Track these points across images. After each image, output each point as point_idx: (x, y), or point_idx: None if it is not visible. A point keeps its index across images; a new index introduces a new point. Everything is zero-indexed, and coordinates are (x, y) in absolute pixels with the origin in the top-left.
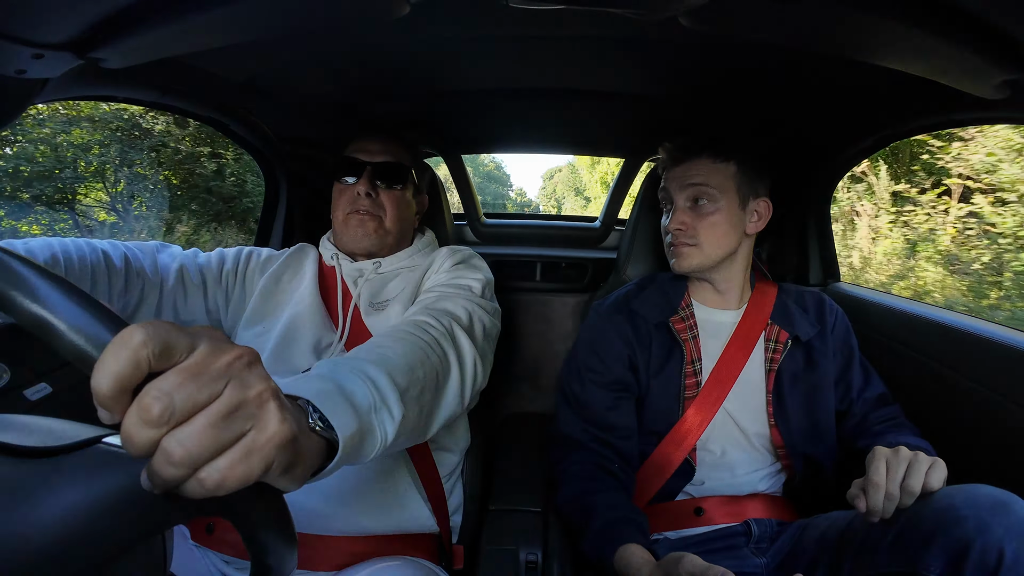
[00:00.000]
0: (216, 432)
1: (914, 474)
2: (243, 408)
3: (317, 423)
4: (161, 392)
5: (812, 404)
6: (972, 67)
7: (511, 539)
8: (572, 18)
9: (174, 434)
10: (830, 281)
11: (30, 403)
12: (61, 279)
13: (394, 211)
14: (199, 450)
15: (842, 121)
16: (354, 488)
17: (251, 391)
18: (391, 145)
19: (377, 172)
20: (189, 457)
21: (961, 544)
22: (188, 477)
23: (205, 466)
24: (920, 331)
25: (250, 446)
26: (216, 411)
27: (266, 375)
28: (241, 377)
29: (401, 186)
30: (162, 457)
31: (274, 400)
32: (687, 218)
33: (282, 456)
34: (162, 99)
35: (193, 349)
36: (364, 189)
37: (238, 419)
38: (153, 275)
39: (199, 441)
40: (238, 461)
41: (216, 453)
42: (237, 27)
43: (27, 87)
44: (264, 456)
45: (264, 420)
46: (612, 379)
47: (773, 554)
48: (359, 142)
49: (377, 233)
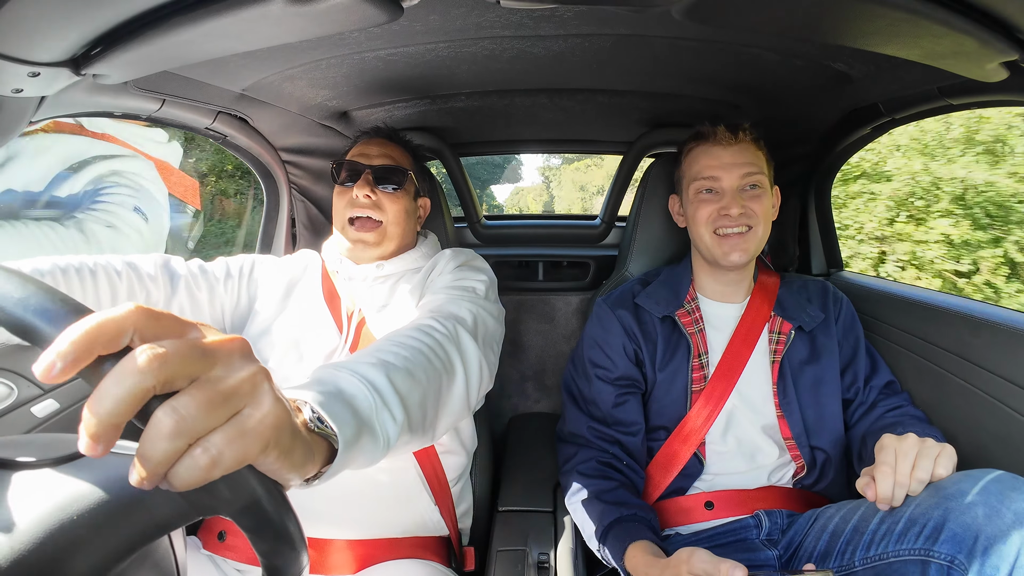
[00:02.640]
0: (210, 406)
1: (923, 462)
2: (237, 388)
3: (316, 423)
4: (151, 356)
5: (818, 394)
6: (969, 50)
7: (521, 539)
8: (566, 17)
9: (167, 402)
10: (833, 270)
11: (37, 420)
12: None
13: (394, 214)
14: (193, 423)
15: (841, 110)
16: (363, 492)
17: (243, 372)
18: (390, 148)
19: (376, 175)
20: (183, 426)
21: (971, 530)
22: (180, 453)
23: (199, 442)
24: (925, 318)
25: (245, 424)
26: (210, 384)
27: (256, 360)
28: (231, 361)
29: (400, 189)
30: (153, 430)
31: (267, 382)
32: (745, 200)
33: (278, 438)
34: (159, 113)
35: (184, 332)
36: (363, 192)
37: (232, 396)
38: (158, 287)
39: (192, 413)
40: (234, 438)
41: (208, 430)
42: (233, 38)
43: (24, 105)
44: (260, 435)
45: (258, 399)
46: (618, 375)
47: (784, 545)
48: (359, 146)
49: (377, 236)
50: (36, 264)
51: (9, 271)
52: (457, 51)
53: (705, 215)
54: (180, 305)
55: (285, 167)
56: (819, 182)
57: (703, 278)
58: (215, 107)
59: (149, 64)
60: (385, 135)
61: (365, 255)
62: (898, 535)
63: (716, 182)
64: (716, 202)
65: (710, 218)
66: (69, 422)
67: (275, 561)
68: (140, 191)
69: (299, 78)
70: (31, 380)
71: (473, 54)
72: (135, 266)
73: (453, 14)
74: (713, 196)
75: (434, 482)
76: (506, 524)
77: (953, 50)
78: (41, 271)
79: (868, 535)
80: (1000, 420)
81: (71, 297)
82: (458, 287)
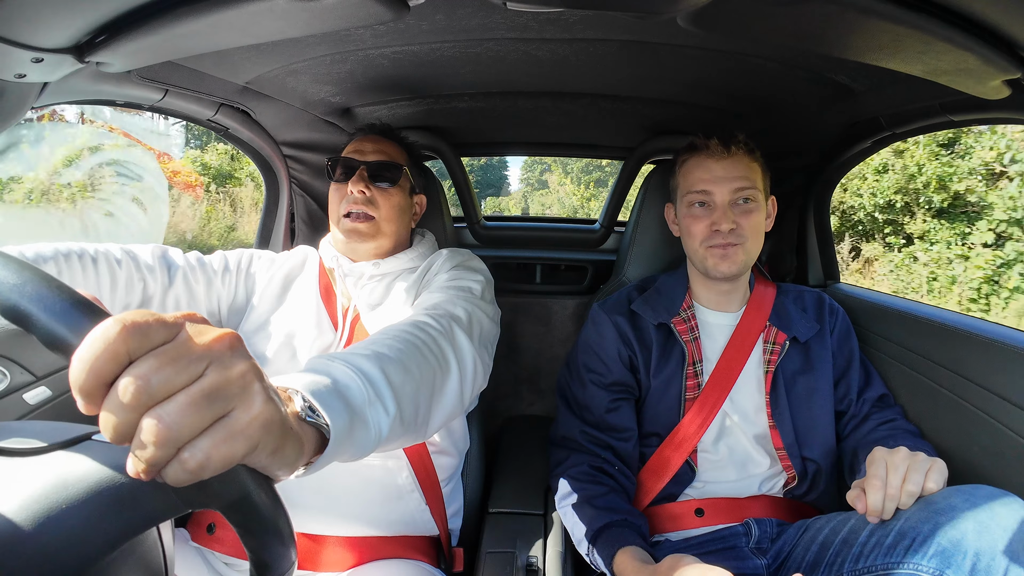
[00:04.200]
0: (197, 411)
1: (914, 475)
2: (226, 388)
3: (307, 412)
4: (137, 375)
5: (811, 405)
6: (971, 67)
7: (511, 542)
8: (571, 21)
9: (153, 412)
10: (830, 282)
11: (29, 406)
12: (33, 267)
13: (388, 210)
14: (178, 428)
15: (842, 123)
16: (354, 489)
17: (233, 371)
18: (385, 145)
19: (370, 171)
20: (168, 434)
21: (960, 546)
22: (170, 458)
23: (187, 446)
24: (920, 332)
25: (233, 427)
26: (197, 390)
27: (249, 356)
28: (223, 358)
29: (395, 185)
30: (141, 438)
31: (258, 381)
32: (736, 216)
33: (267, 438)
34: (162, 103)
35: (173, 336)
36: (358, 187)
37: (220, 399)
38: (155, 277)
39: (179, 420)
40: (221, 441)
41: (196, 433)
42: (237, 31)
43: (26, 91)
44: (248, 437)
45: (248, 400)
46: (612, 380)
47: (773, 555)
48: (354, 143)
49: (372, 231)
50: (39, 249)
51: (6, 257)
52: (462, 51)
53: (697, 231)
54: (176, 296)
55: (286, 161)
56: (818, 193)
57: (699, 287)
58: (218, 99)
59: (153, 54)
60: (380, 131)
61: (360, 248)
62: (887, 548)
63: (708, 196)
64: (708, 216)
65: (702, 234)
66: (61, 409)
67: (264, 557)
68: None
69: (303, 73)
70: (24, 367)
71: (478, 55)
72: (134, 255)
73: (459, 14)
74: (704, 211)
75: (425, 481)
76: (496, 526)
77: (956, 67)
78: (44, 256)
79: (857, 547)
80: (992, 436)
81: (67, 285)
82: (454, 287)
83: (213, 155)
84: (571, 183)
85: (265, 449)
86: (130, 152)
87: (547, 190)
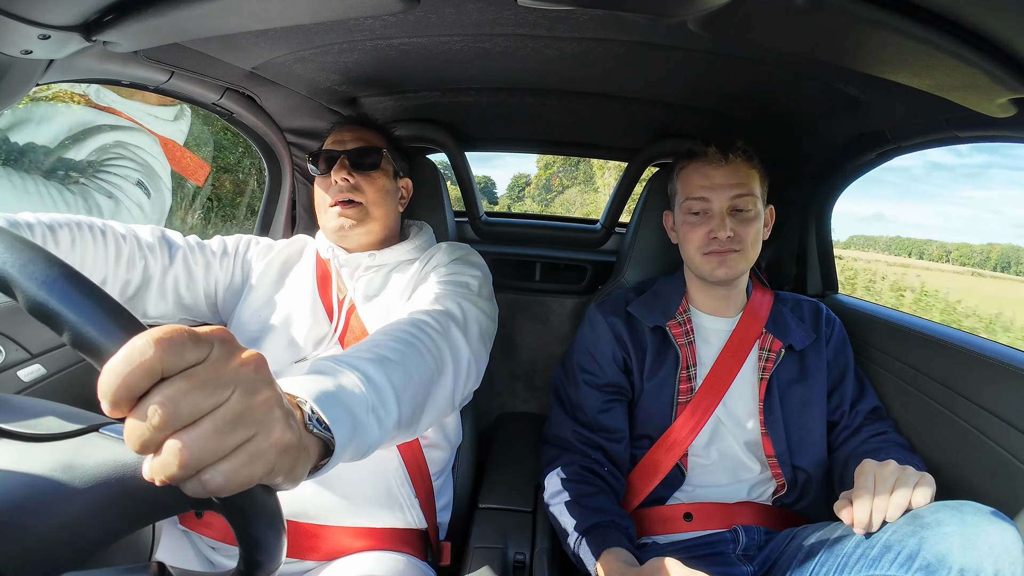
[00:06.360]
0: (221, 437)
1: (902, 489)
2: (249, 414)
3: (315, 425)
4: (166, 398)
5: (804, 414)
6: (979, 84)
7: (499, 538)
8: (582, 20)
9: (179, 436)
10: (828, 292)
11: (23, 383)
12: (68, 266)
13: (374, 193)
14: (202, 454)
15: (848, 134)
16: (344, 481)
17: (258, 398)
18: (363, 132)
19: (351, 158)
20: (192, 460)
21: (945, 561)
22: (190, 478)
23: (208, 468)
24: (916, 346)
25: (254, 451)
26: (222, 417)
27: (272, 380)
28: (248, 383)
29: (377, 168)
30: (165, 457)
31: (279, 408)
32: (733, 225)
33: (283, 461)
34: (167, 85)
35: (204, 356)
36: (340, 176)
37: (243, 425)
38: (156, 257)
39: (203, 445)
40: (241, 466)
41: (219, 457)
42: (246, 15)
43: (32, 67)
44: (267, 461)
45: (269, 426)
46: (606, 381)
47: (760, 562)
48: (333, 135)
49: (361, 216)
50: (54, 217)
51: (34, 248)
52: (470, 46)
53: (694, 238)
54: (176, 277)
55: (290, 148)
56: (820, 204)
57: (696, 291)
58: (224, 83)
59: (160, 35)
60: (356, 121)
61: (351, 235)
62: (873, 560)
63: (706, 203)
64: (705, 224)
65: (699, 241)
66: (55, 387)
67: (256, 555)
68: (144, 166)
69: (310, 61)
70: (19, 343)
71: (486, 50)
72: (136, 234)
73: (469, 8)
74: (702, 219)
75: (416, 475)
76: (485, 521)
77: (964, 83)
78: (58, 223)
79: (843, 558)
80: (983, 452)
81: (99, 287)
82: (452, 281)
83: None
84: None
85: (281, 471)
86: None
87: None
